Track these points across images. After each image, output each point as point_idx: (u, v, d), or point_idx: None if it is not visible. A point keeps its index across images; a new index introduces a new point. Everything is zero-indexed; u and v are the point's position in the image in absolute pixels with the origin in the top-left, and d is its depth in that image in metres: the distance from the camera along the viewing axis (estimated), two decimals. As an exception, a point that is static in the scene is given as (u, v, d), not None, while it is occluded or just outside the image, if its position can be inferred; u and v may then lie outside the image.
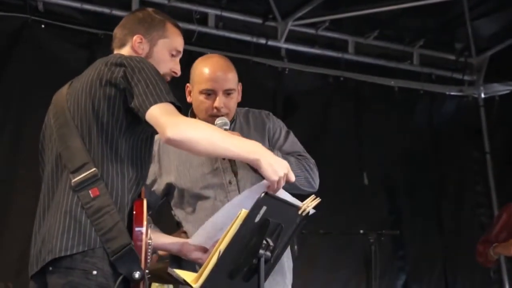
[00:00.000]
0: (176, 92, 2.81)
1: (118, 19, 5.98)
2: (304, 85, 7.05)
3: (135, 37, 2.96)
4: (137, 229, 2.69)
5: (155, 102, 2.63)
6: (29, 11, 5.83)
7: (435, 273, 7.33)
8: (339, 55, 7.13)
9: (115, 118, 2.73)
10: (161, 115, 2.62)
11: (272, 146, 3.60)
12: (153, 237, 2.81)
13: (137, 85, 2.67)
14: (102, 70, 2.77)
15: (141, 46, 2.96)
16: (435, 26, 7.24)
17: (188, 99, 3.62)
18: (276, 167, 2.72)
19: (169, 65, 2.99)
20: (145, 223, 2.71)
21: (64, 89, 2.92)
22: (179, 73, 3.03)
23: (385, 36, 7.24)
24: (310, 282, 6.47)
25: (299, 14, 6.69)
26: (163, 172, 3.54)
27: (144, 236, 2.69)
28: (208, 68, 3.56)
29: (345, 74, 7.17)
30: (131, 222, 2.70)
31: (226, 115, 3.56)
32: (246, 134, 3.52)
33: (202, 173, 3.51)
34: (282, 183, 2.75)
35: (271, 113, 3.77)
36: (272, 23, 6.81)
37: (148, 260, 2.74)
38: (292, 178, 2.76)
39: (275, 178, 2.71)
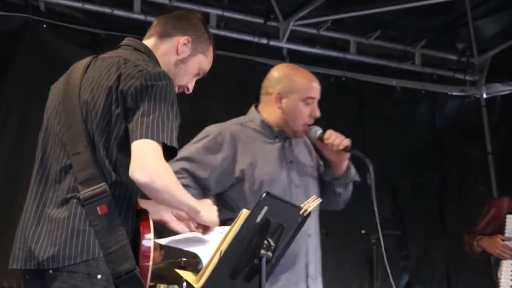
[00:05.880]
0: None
1: (120, 19, 6.13)
2: (306, 85, 7.04)
3: (185, 37, 2.92)
4: (144, 243, 2.66)
5: (145, 137, 2.58)
6: (30, 11, 5.84)
7: (437, 273, 7.33)
8: (341, 55, 7.14)
9: (115, 133, 2.65)
10: (140, 152, 2.57)
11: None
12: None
13: (144, 111, 2.61)
14: (125, 77, 2.67)
15: (184, 48, 2.92)
16: (437, 26, 7.24)
17: (277, 106, 3.85)
18: (211, 215, 2.82)
19: (189, 80, 2.98)
20: (152, 238, 2.67)
21: (75, 80, 2.81)
22: (190, 91, 3.02)
23: (387, 36, 7.25)
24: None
25: (301, 14, 6.70)
26: (238, 161, 3.72)
27: (152, 254, 2.65)
28: (310, 78, 3.95)
29: (347, 74, 7.17)
30: (137, 233, 2.67)
31: None
32: (302, 152, 3.94)
33: (275, 169, 3.77)
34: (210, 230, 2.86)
35: None
36: (274, 23, 6.82)
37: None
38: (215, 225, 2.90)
39: (212, 223, 2.82)
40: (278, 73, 3.96)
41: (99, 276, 2.58)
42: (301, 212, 2.76)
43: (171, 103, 2.67)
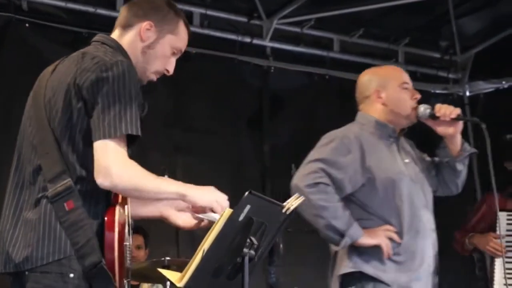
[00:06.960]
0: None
1: (103, 18, 6.12)
2: (290, 83, 7.05)
3: (145, 23, 2.89)
4: (108, 235, 2.66)
5: (106, 137, 2.58)
6: (13, 10, 5.81)
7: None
8: (324, 53, 7.15)
9: (79, 127, 2.67)
10: (101, 155, 2.59)
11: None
12: None
13: (103, 106, 2.61)
14: (81, 71, 2.68)
15: (148, 33, 2.89)
16: (420, 24, 7.26)
17: (379, 102, 4.00)
18: (204, 194, 2.80)
19: (165, 62, 2.94)
20: (116, 229, 2.66)
21: (43, 81, 2.84)
22: (171, 72, 2.99)
23: (370, 34, 7.26)
24: (297, 280, 6.47)
25: (284, 12, 6.70)
26: (366, 161, 3.85)
27: (116, 245, 2.65)
28: (395, 67, 4.24)
29: (330, 73, 7.18)
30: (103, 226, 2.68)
31: None
32: (410, 149, 4.17)
33: (400, 167, 3.97)
34: (217, 207, 2.80)
35: None
36: (257, 22, 6.82)
37: (128, 261, 2.74)
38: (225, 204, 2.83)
39: (206, 202, 2.80)
40: (365, 77, 4.09)
41: (71, 275, 2.60)
42: (283, 211, 2.76)
43: (130, 90, 2.65)
